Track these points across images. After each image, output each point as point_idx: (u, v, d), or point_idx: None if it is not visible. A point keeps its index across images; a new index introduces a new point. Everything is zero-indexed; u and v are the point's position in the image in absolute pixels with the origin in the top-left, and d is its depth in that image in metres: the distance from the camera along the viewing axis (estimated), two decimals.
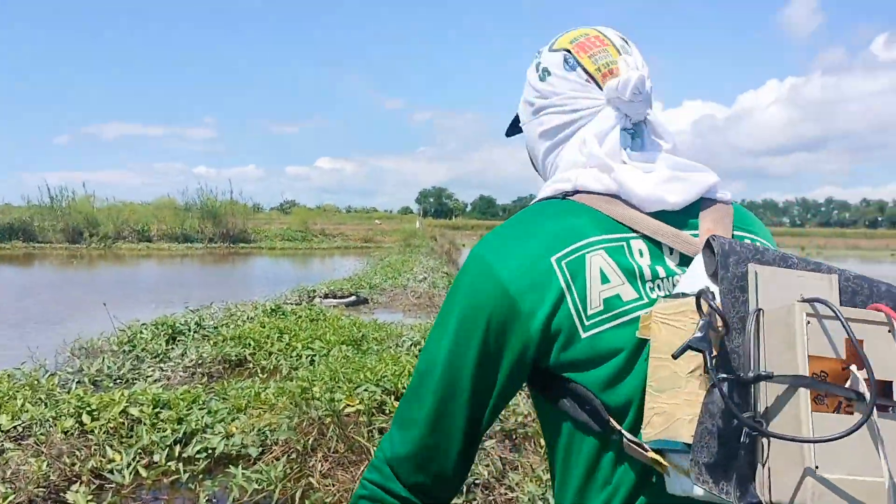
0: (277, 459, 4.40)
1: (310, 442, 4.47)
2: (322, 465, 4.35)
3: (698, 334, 0.90)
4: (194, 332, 8.53)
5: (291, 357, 7.33)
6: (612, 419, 1.02)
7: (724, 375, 0.91)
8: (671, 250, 1.10)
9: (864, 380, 0.84)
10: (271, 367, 7.12)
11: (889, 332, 0.88)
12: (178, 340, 8.20)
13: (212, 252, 31.29)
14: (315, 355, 7.29)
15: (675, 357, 0.92)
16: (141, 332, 8.34)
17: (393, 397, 5.45)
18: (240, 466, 4.24)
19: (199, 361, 7.14)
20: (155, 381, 6.44)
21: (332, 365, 6.35)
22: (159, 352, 7.64)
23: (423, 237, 37.68)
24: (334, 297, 12.86)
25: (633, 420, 1.01)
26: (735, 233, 1.15)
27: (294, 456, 4.44)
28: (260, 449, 4.58)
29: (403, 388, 5.69)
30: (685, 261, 1.09)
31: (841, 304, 0.91)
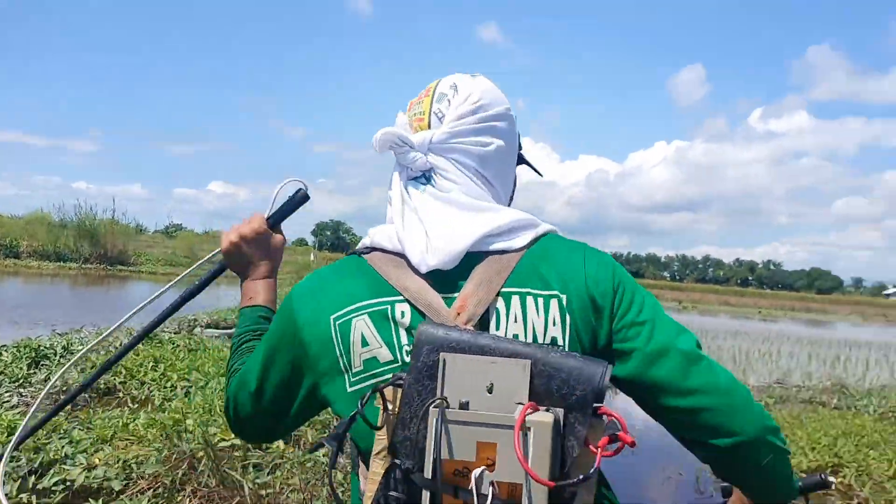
0: (142, 493, 4.18)
1: (179, 476, 4.27)
2: (191, 501, 4.17)
3: (338, 430, 0.99)
4: (60, 356, 8.04)
5: (166, 388, 7.01)
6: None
7: (398, 462, 0.99)
8: None
9: (490, 483, 0.90)
10: (143, 398, 6.80)
11: (526, 432, 0.90)
12: (42, 365, 7.70)
13: (87, 273, 29.65)
14: (191, 387, 7.01)
15: (310, 452, 1.08)
16: (0, 355, 7.80)
17: None
18: (100, 501, 4.00)
19: (64, 388, 6.73)
20: (12, 406, 6.02)
21: (210, 397, 6.12)
22: (19, 376, 7.15)
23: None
24: (217, 328, 12.45)
25: None
26: (504, 289, 1.13)
27: (161, 491, 4.23)
28: (125, 482, 4.34)
29: None
30: None
31: (533, 391, 0.96)
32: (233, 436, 4.86)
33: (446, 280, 1.15)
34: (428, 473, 0.94)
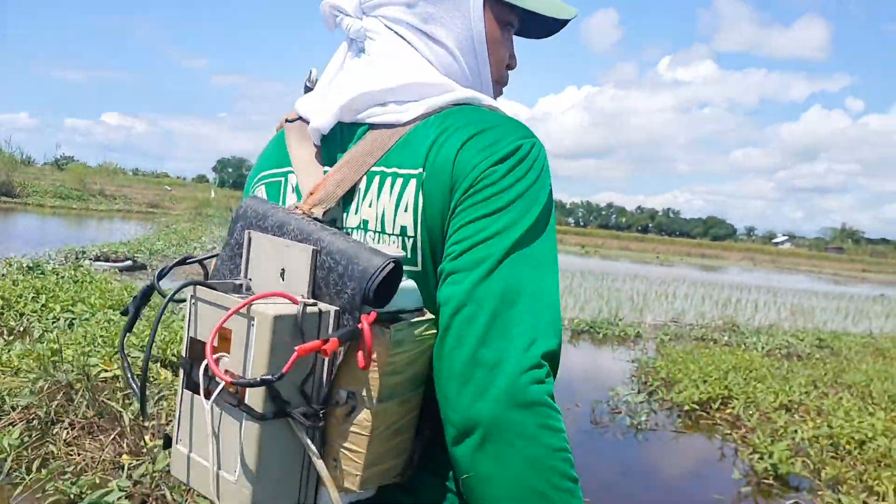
0: (14, 425, 3.89)
1: (54, 408, 3.99)
2: (68, 433, 3.90)
3: (136, 300, 0.97)
4: None
5: (47, 320, 6.59)
6: None
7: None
8: None
9: (203, 367, 0.83)
10: (21, 330, 6.37)
11: (251, 323, 0.81)
12: None
13: None
14: (76, 319, 6.61)
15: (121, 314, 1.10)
16: None
17: (160, 364, 5.04)
18: None
19: None
20: None
21: (93, 329, 5.77)
22: None
23: (217, 207, 35.94)
24: (107, 261, 11.85)
25: None
26: (374, 168, 0.97)
27: (35, 423, 3.95)
28: None
29: (172, 355, 5.30)
30: None
31: (316, 282, 0.87)
32: (115, 367, 4.58)
33: (337, 153, 1.03)
34: (185, 353, 0.90)
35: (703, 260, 56.21)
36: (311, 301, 0.85)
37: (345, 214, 0.99)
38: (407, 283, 0.89)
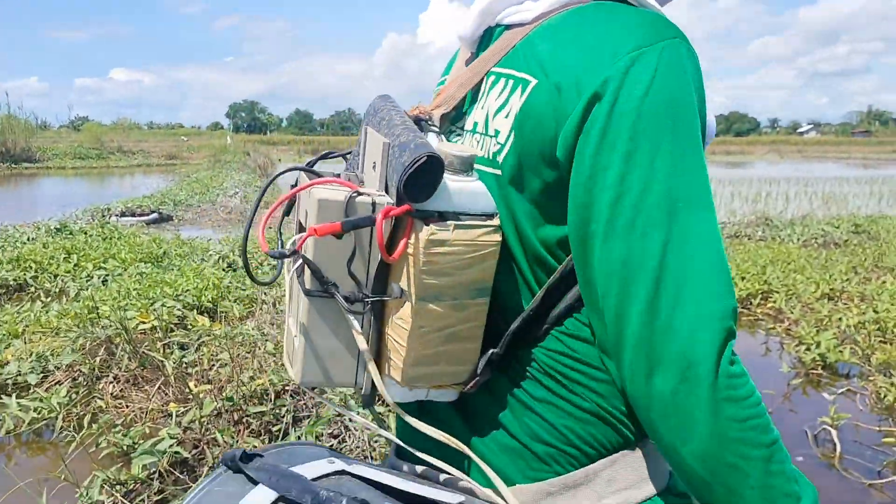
0: (60, 384, 3.93)
1: (97, 364, 4.02)
2: (113, 387, 3.93)
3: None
4: None
5: (81, 278, 6.62)
6: None
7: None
8: None
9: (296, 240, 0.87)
10: (57, 291, 6.41)
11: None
12: None
13: None
14: (108, 275, 6.64)
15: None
16: None
17: (196, 311, 5.05)
18: (14, 396, 3.73)
19: None
20: None
21: (126, 283, 5.79)
22: None
23: (234, 153, 35.90)
24: (133, 216, 11.91)
25: None
26: (494, 69, 0.93)
27: (80, 380, 3.98)
28: (42, 375, 4.07)
29: (208, 301, 5.31)
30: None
31: (388, 172, 0.87)
32: (153, 318, 4.60)
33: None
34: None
35: (729, 157, 55.30)
36: (367, 192, 0.86)
37: (468, 116, 0.97)
38: (474, 185, 0.86)
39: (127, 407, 3.74)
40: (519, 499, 0.91)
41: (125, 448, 3.20)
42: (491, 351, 0.91)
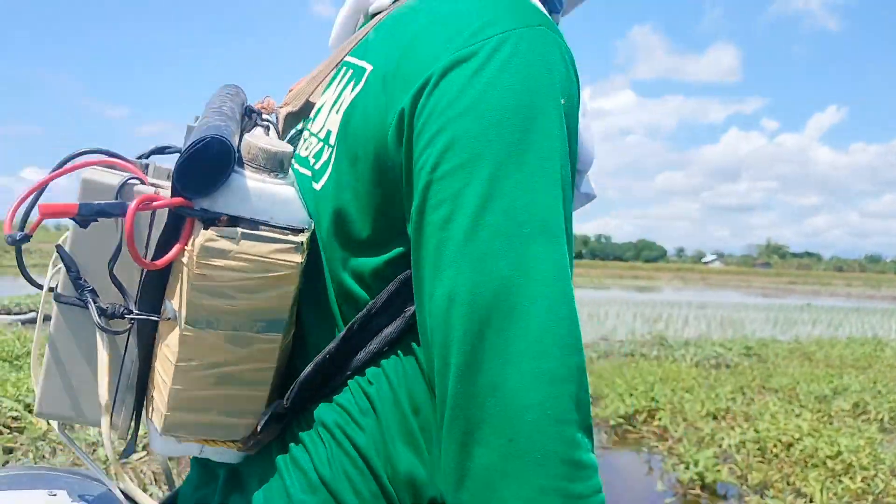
0: None
1: None
2: None
3: None
4: None
5: None
6: None
7: None
8: None
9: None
10: None
11: None
12: None
13: None
14: None
15: None
16: None
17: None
18: None
19: None
20: None
21: None
22: None
23: None
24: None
25: None
26: (346, 58, 0.77)
27: None
28: None
29: None
30: None
31: None
32: None
33: None
34: None
35: (637, 282, 57.07)
36: (156, 182, 0.70)
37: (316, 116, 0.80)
38: (281, 189, 0.67)
39: None
40: None
41: None
42: (276, 402, 0.72)
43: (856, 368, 9.24)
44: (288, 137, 0.85)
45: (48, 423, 4.27)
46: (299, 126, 0.83)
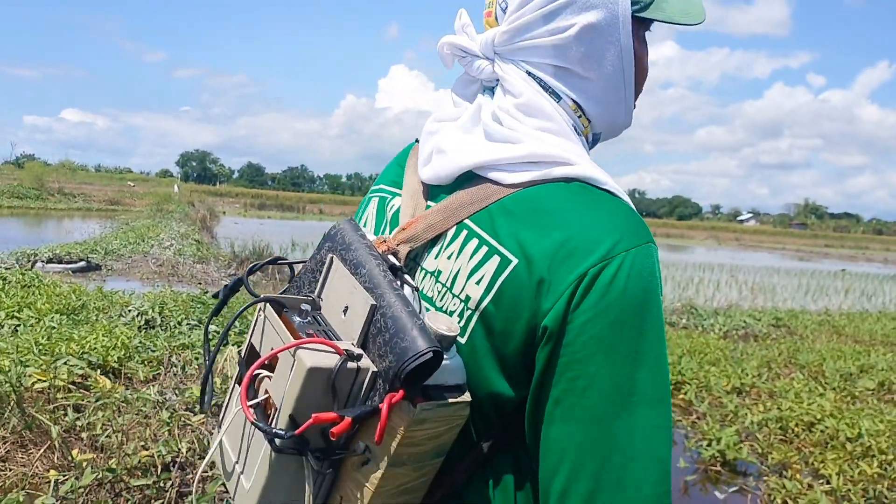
0: None
1: None
2: (2, 446, 3.79)
3: (220, 299, 1.01)
4: None
5: None
6: None
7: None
8: None
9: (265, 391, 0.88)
10: None
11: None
12: None
13: None
14: (21, 325, 6.44)
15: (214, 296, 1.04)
16: None
17: (100, 371, 4.92)
18: None
19: None
20: None
21: (32, 335, 5.63)
22: None
23: (179, 202, 35.48)
24: (60, 262, 11.63)
25: None
26: (466, 221, 0.93)
27: None
28: None
29: (114, 361, 5.18)
30: None
31: (368, 334, 0.88)
32: (51, 377, 4.47)
33: (441, 193, 1.00)
34: (245, 353, 0.98)
35: (669, 240, 56.70)
36: (356, 353, 0.85)
37: (427, 255, 0.97)
38: (454, 361, 0.88)
39: (10, 470, 3.60)
40: None
41: None
42: (437, 494, 0.95)
43: (884, 345, 9.33)
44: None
45: (111, 384, 4.59)
46: (411, 262, 0.99)
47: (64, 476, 3.35)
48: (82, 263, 11.79)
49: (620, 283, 0.82)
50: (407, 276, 0.93)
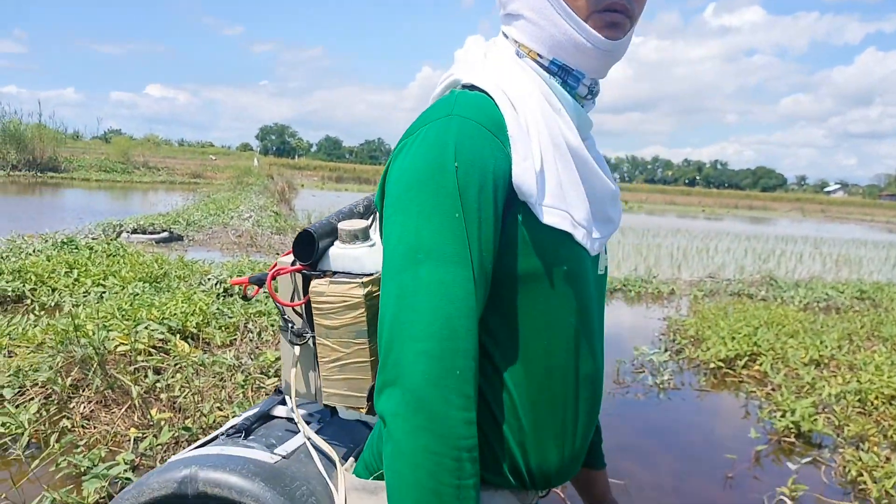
0: (32, 400, 3.99)
1: (69, 383, 4.09)
2: (84, 407, 4.00)
3: None
4: None
5: (78, 294, 6.73)
6: None
7: None
8: None
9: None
10: (52, 305, 6.51)
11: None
12: None
13: (15, 181, 28.48)
14: (106, 292, 6.75)
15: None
16: None
17: (179, 336, 5.12)
18: None
19: None
20: None
21: (116, 301, 5.88)
22: None
23: (258, 175, 36.27)
24: (144, 233, 12.08)
25: None
26: None
27: (53, 398, 4.05)
28: (18, 390, 4.14)
29: (192, 326, 5.37)
30: None
31: None
32: (133, 340, 4.67)
33: None
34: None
35: (752, 212, 55.12)
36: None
37: None
38: (355, 251, 1.16)
39: (94, 428, 3.80)
40: (347, 481, 1.10)
41: (83, 469, 3.25)
42: (371, 385, 1.14)
43: None
44: None
45: (189, 348, 4.76)
46: None
47: (143, 434, 3.52)
48: (165, 234, 12.21)
49: (412, 151, 0.93)
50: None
